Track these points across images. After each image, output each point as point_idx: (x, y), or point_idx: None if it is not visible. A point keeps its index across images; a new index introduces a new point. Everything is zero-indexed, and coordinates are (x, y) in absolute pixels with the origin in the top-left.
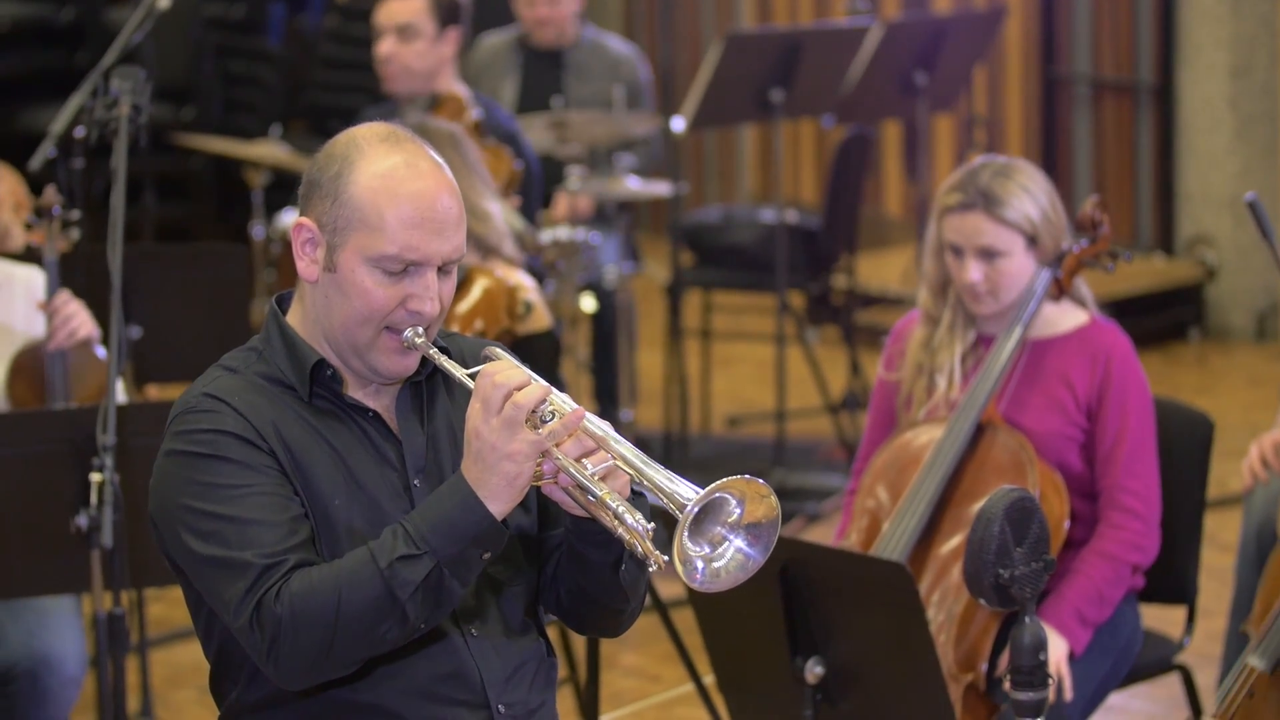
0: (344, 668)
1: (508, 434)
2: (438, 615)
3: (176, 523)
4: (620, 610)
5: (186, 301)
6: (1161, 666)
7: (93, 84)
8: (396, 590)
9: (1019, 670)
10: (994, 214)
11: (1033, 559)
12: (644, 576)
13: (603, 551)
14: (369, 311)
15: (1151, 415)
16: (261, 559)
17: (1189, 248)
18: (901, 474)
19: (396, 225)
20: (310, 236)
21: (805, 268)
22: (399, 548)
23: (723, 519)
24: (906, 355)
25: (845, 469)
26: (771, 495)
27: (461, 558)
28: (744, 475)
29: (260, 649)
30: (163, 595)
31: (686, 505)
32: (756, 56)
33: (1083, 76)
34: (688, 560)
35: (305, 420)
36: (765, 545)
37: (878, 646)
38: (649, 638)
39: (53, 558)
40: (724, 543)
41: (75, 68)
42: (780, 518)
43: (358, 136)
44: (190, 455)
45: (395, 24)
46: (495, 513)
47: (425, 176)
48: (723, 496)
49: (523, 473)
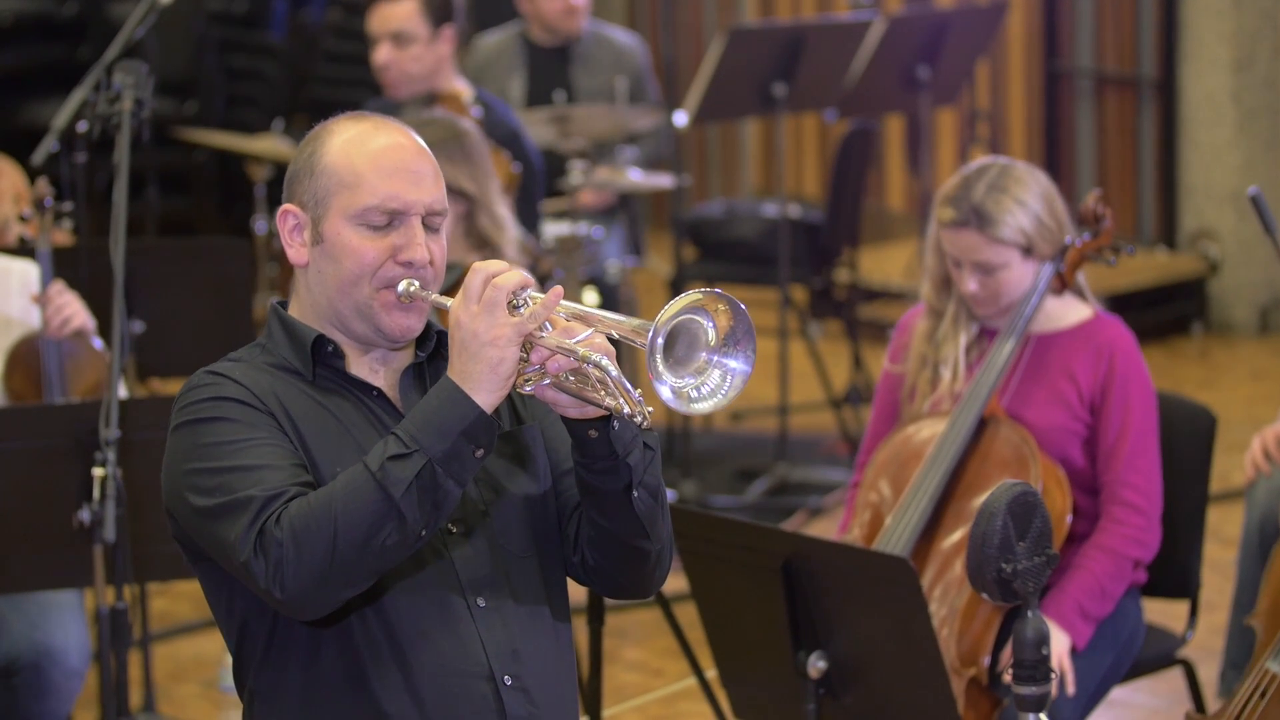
0: (351, 585)
1: (489, 318)
2: (437, 517)
3: (182, 488)
4: (644, 552)
5: (189, 296)
6: (1164, 661)
7: (95, 78)
8: (390, 489)
9: (1021, 664)
10: (987, 233)
11: (1035, 553)
12: (662, 512)
13: (612, 478)
14: (361, 268)
15: (1154, 411)
16: (263, 492)
17: (1191, 242)
18: (904, 468)
19: (374, 177)
20: (295, 221)
21: (808, 262)
22: (390, 449)
23: (703, 343)
24: (911, 348)
25: (848, 463)
26: (724, 298)
27: (453, 453)
28: (692, 292)
29: (265, 576)
30: (165, 590)
31: (650, 331)
32: (759, 50)
33: (1085, 70)
34: (659, 376)
35: (310, 396)
36: (749, 349)
37: (880, 641)
38: (651, 632)
39: (55, 552)
40: (709, 368)
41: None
42: (746, 312)
43: (327, 123)
44: (192, 423)
45: (389, 30)
46: (482, 404)
47: (394, 136)
48: (688, 319)
49: (505, 359)
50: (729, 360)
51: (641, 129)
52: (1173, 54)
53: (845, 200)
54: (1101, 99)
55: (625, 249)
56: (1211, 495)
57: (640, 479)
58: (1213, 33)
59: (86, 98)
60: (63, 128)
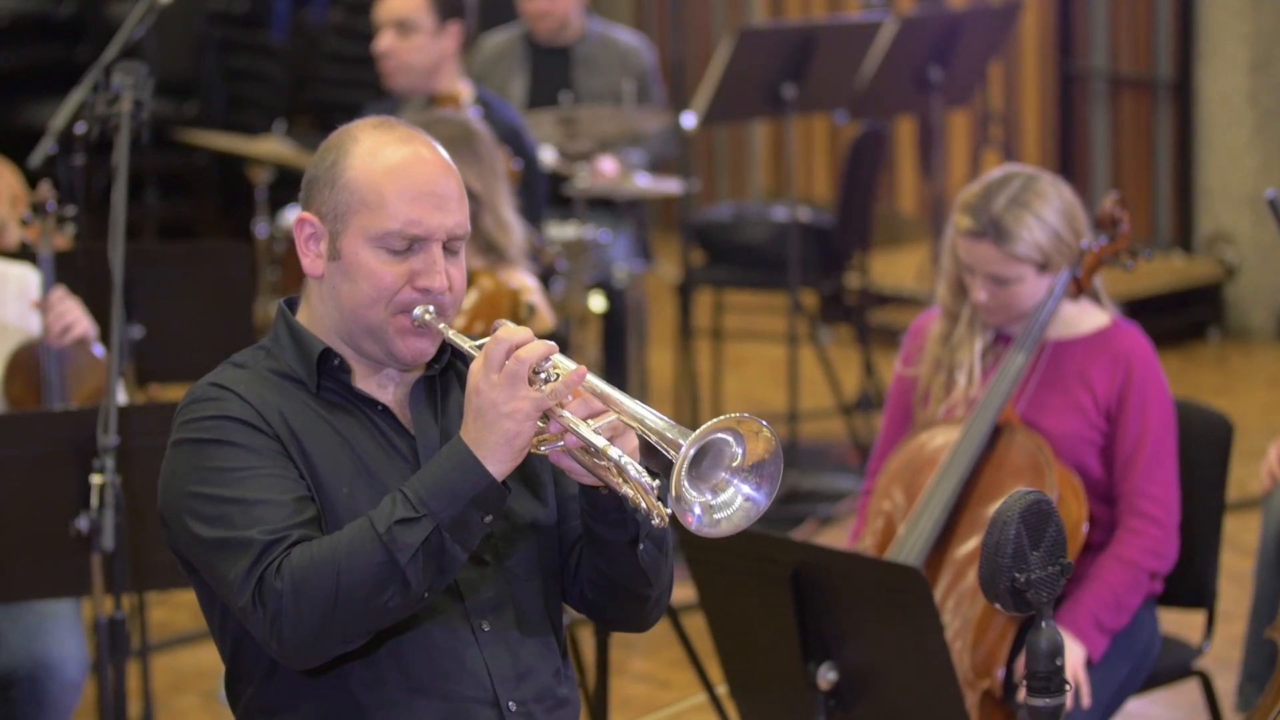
0: (349, 641)
1: (509, 390)
2: (441, 581)
3: (182, 510)
4: (644, 596)
5: (189, 300)
6: (1180, 672)
7: (94, 79)
8: (396, 554)
9: (1035, 676)
10: (1004, 248)
11: (1049, 563)
12: (665, 559)
13: (618, 530)
14: (377, 292)
15: (1172, 420)
16: (264, 535)
17: (1208, 246)
18: (917, 475)
19: (396, 201)
20: (312, 231)
21: (818, 266)
22: (397, 511)
23: (725, 463)
24: (925, 351)
25: (858, 471)
26: (765, 429)
27: (462, 519)
28: (736, 414)
29: (263, 626)
30: (165, 599)
31: (682, 444)
32: (769, 51)
33: (1100, 72)
34: (683, 500)
35: (314, 410)
36: (770, 488)
37: (892, 652)
38: (659, 643)
39: (53, 561)
40: (728, 488)
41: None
42: (780, 451)
43: (351, 128)
44: (195, 442)
45: (394, 18)
46: (494, 473)
47: (421, 153)
48: (720, 438)
49: (522, 432)
50: (746, 486)
51: (648, 131)
52: (1189, 55)
53: (856, 203)
54: (1117, 100)
55: (633, 253)
56: (1228, 504)
57: (647, 531)
58: (1230, 33)
59: (85, 99)
60: (60, 129)
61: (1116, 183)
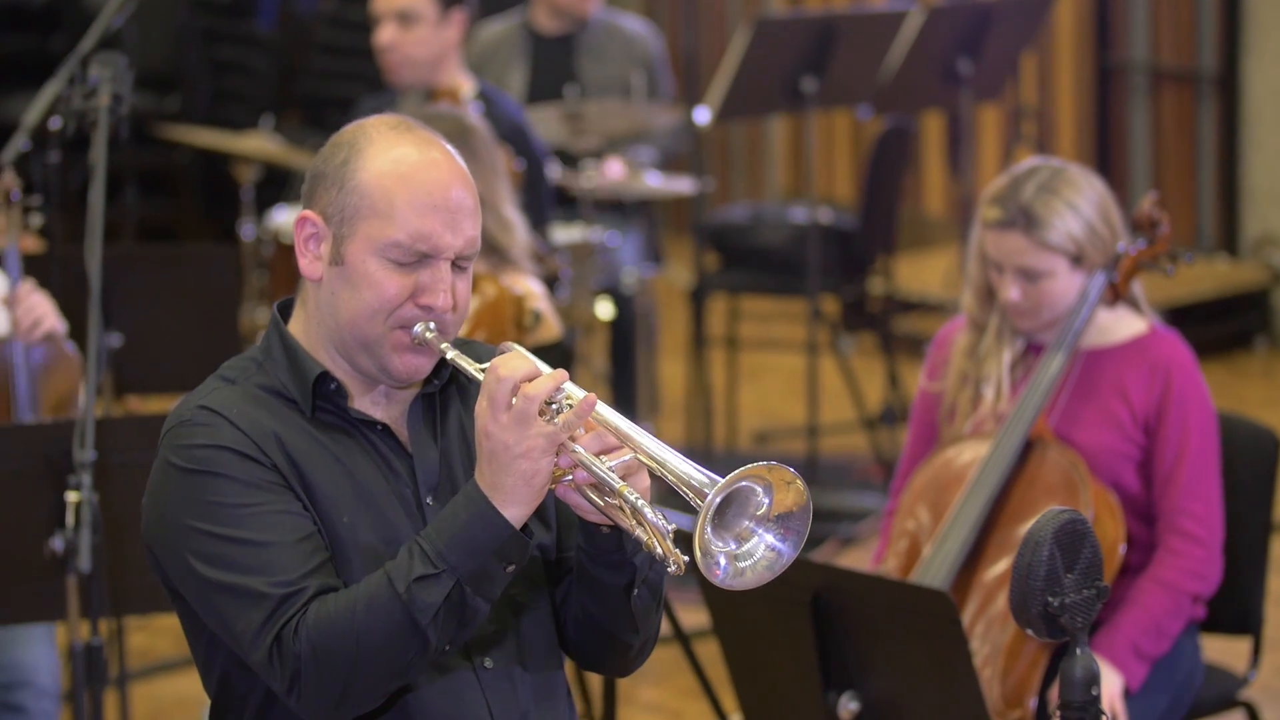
0: (372, 700)
1: (520, 430)
2: (462, 635)
3: (180, 546)
4: (628, 644)
5: (171, 307)
6: (1224, 703)
7: (69, 71)
8: (417, 615)
9: (1069, 706)
10: (1034, 236)
11: (1084, 586)
12: (657, 607)
13: (615, 572)
14: (379, 304)
15: (1215, 433)
16: (277, 589)
17: (1255, 249)
18: (944, 493)
19: (408, 212)
20: (314, 231)
21: (839, 271)
22: (415, 568)
23: (750, 511)
24: (950, 363)
25: (882, 489)
26: (798, 480)
27: (483, 572)
28: (766, 462)
29: (282, 685)
30: (145, 624)
31: (707, 494)
32: (787, 43)
33: (1140, 64)
34: (709, 553)
35: (309, 433)
36: (796, 540)
37: (917, 681)
38: (670, 671)
39: (25, 584)
40: (752, 537)
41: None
42: (810, 505)
43: (366, 125)
44: (189, 472)
45: (395, 9)
46: (513, 519)
47: (438, 164)
48: (748, 486)
49: (540, 470)
50: (770, 536)
51: (659, 126)
52: (1235, 46)
53: (880, 204)
54: (1158, 95)
55: (642, 256)
56: (1276, 524)
57: (644, 576)
58: (1278, 23)
59: (60, 92)
60: (34, 125)
61: (1157, 182)
